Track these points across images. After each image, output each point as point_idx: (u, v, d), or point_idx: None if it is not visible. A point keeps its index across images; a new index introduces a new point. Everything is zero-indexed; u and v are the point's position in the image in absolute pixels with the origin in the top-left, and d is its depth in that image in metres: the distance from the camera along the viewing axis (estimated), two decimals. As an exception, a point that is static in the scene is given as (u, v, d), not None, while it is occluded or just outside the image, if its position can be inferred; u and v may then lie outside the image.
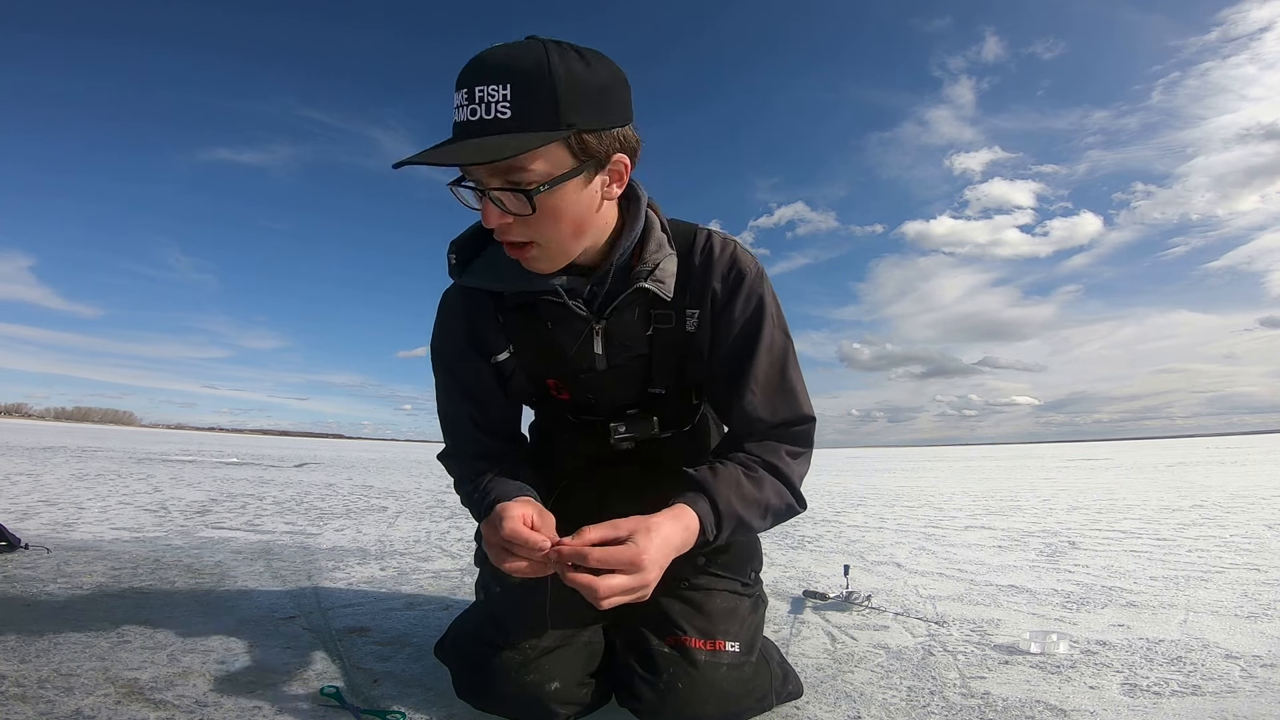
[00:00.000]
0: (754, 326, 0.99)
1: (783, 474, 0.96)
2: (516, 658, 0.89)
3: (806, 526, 3.39)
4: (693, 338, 1.00)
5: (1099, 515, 3.76)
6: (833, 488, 6.56)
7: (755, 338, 0.98)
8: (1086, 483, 6.72)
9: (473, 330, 1.03)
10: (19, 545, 2.05)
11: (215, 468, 7.57)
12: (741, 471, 0.93)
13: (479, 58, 0.75)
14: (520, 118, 0.73)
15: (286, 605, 1.58)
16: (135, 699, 0.97)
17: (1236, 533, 2.92)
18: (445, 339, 1.07)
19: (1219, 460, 11.02)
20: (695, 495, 0.88)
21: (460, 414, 1.07)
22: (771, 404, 0.98)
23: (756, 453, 0.96)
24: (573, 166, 0.78)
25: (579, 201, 0.82)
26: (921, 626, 1.48)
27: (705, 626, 0.92)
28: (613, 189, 0.85)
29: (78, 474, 5.52)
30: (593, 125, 0.77)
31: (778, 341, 1.00)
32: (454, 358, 1.06)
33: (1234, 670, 1.17)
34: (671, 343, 1.01)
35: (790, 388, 1.00)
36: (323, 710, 0.96)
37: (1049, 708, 1.00)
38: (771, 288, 1.02)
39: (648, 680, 0.88)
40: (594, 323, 0.98)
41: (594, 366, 1.02)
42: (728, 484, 0.90)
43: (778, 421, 0.98)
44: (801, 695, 1.04)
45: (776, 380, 0.99)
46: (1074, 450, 26.00)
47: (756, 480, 0.93)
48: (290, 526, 3.05)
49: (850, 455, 29.45)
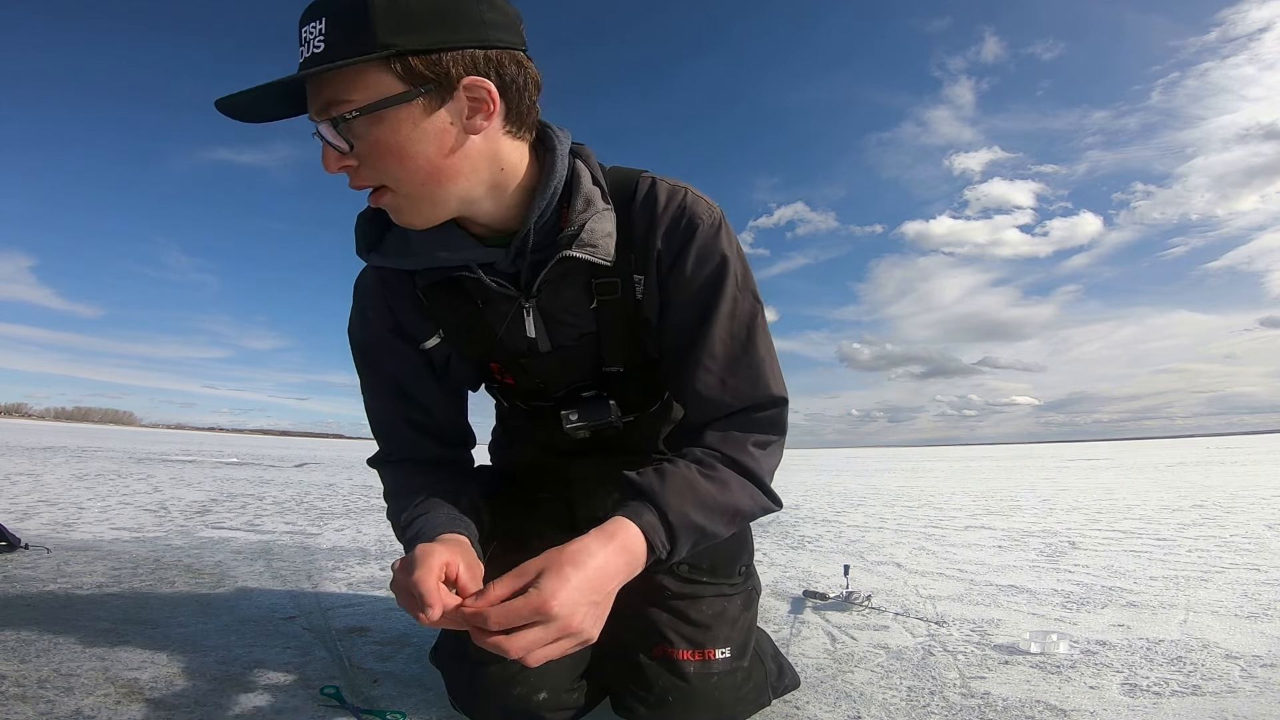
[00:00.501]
0: (711, 288, 0.83)
1: (751, 471, 0.82)
2: (500, 673, 0.85)
3: (806, 526, 3.40)
4: (640, 306, 0.86)
5: (1099, 515, 3.76)
6: (833, 488, 6.56)
7: (713, 302, 0.83)
8: (1086, 483, 6.72)
9: (395, 317, 0.92)
10: (19, 545, 2.05)
11: (215, 468, 7.58)
12: (698, 471, 0.78)
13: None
14: (332, 49, 0.66)
15: (286, 605, 1.58)
16: (135, 699, 0.97)
17: (1236, 533, 2.92)
18: (365, 330, 0.94)
19: (1219, 460, 11.02)
20: (639, 506, 0.74)
21: (391, 414, 0.95)
22: (733, 383, 0.83)
23: (716, 446, 0.82)
24: (399, 93, 0.68)
25: (425, 136, 0.70)
26: (921, 626, 1.48)
27: (693, 636, 0.88)
28: (477, 120, 0.72)
29: (78, 474, 5.52)
30: (420, 46, 0.67)
31: (742, 306, 0.85)
32: (378, 350, 0.94)
33: (1234, 670, 1.17)
34: (620, 315, 0.87)
35: (756, 363, 0.84)
36: (323, 710, 0.96)
37: (1049, 708, 1.00)
38: (736, 241, 0.86)
39: (638, 695, 0.87)
40: (523, 301, 0.85)
41: (535, 349, 0.90)
42: (679, 489, 0.75)
43: (741, 405, 0.83)
44: (799, 686, 1.04)
45: (739, 354, 0.84)
46: (1074, 450, 25.99)
47: (719, 481, 0.79)
48: (290, 526, 3.05)
49: (850, 455, 29.44)
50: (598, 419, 0.92)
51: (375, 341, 0.94)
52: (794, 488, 6.47)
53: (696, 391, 0.84)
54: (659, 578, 0.91)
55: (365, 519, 3.45)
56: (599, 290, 0.85)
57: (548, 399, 0.97)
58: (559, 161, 0.80)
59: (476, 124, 0.72)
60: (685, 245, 0.83)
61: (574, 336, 0.89)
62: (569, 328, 0.89)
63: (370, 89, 0.67)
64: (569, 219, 0.80)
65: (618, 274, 0.84)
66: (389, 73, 0.67)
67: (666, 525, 0.74)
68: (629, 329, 0.89)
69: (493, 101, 0.71)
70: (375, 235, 0.85)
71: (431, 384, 0.95)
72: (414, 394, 0.94)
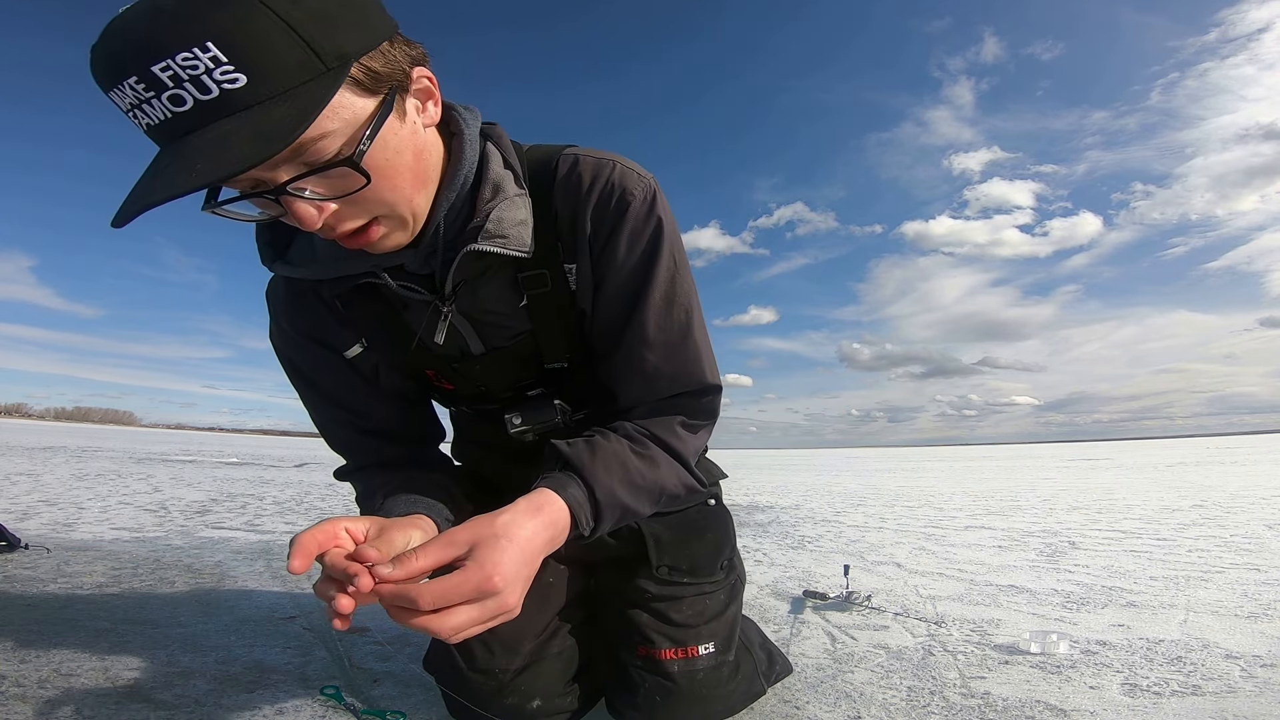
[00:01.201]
0: (644, 271, 0.78)
1: (676, 450, 0.78)
2: (490, 684, 0.84)
3: (806, 526, 3.40)
4: (578, 296, 0.80)
5: (1099, 515, 3.76)
6: (833, 488, 6.56)
7: (647, 286, 0.78)
8: (1086, 483, 6.71)
9: (311, 327, 0.85)
10: (19, 545, 2.04)
11: (215, 468, 7.57)
12: (629, 447, 0.75)
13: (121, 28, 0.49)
14: (261, 78, 0.49)
15: (286, 605, 1.58)
16: (135, 699, 0.97)
17: (1236, 533, 2.92)
18: (286, 342, 0.88)
19: (1219, 460, 11.02)
20: (565, 479, 0.69)
21: (337, 423, 0.91)
22: (669, 370, 0.79)
23: (644, 424, 0.79)
24: (377, 104, 0.57)
25: (405, 144, 0.62)
26: (921, 626, 1.47)
27: (675, 635, 0.88)
28: (430, 111, 0.65)
29: (78, 474, 5.52)
30: (368, 45, 0.56)
31: (680, 288, 0.80)
32: (305, 361, 0.88)
33: (1234, 670, 1.17)
34: (554, 309, 0.80)
35: (691, 348, 0.80)
36: (323, 710, 0.96)
37: (1049, 708, 1.00)
38: (670, 216, 0.79)
39: (626, 697, 0.88)
40: (440, 305, 0.76)
41: (468, 352, 0.83)
42: (610, 465, 0.72)
43: (674, 392, 0.80)
44: (791, 673, 1.04)
45: (676, 340, 0.80)
46: (1074, 450, 25.99)
47: (648, 459, 0.76)
48: (290, 526, 3.05)
49: (850, 455, 29.44)
50: (542, 420, 0.85)
51: (299, 353, 0.88)
52: (794, 488, 6.47)
53: (631, 378, 0.80)
54: (639, 581, 0.91)
55: (365, 519, 3.45)
56: (526, 284, 0.78)
57: (492, 402, 0.91)
58: (468, 146, 0.71)
59: (430, 116, 0.66)
60: (617, 225, 0.76)
61: (508, 336, 0.83)
62: (501, 329, 0.82)
63: (346, 113, 0.55)
64: (475, 208, 0.72)
65: (544, 265, 0.77)
66: (352, 87, 0.55)
67: (593, 502, 0.70)
68: (565, 323, 0.82)
69: (435, 88, 0.65)
70: (281, 243, 0.78)
71: (367, 390, 0.89)
72: (352, 403, 0.89)
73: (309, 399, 0.92)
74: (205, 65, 0.48)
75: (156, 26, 0.48)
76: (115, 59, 0.49)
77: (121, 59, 0.49)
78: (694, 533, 0.94)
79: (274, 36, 0.50)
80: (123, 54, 0.49)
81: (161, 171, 0.50)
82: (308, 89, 0.51)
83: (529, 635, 0.89)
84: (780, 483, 7.17)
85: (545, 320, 0.81)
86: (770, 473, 9.85)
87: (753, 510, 4.19)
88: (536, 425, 0.85)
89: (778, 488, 6.36)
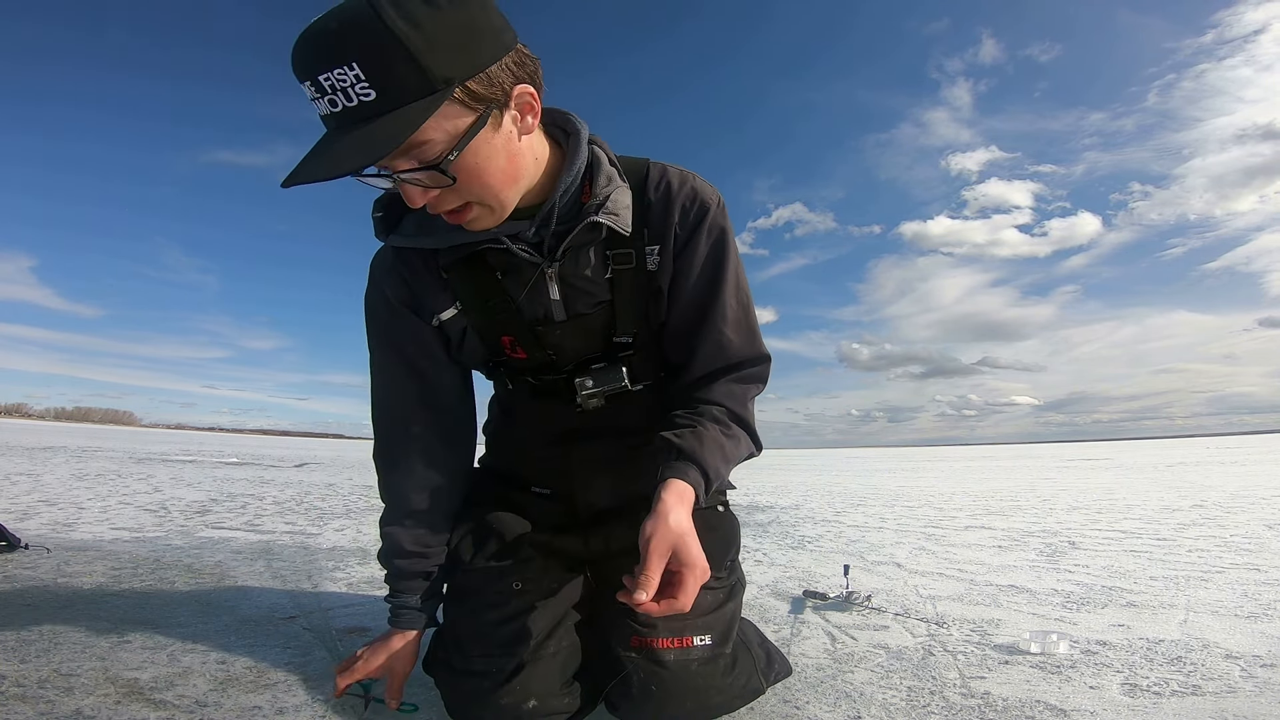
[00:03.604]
0: (719, 262, 0.96)
1: (747, 424, 0.96)
2: (485, 683, 0.87)
3: (806, 526, 3.40)
4: (654, 276, 0.95)
5: (1099, 515, 3.76)
6: (833, 488, 6.56)
7: (721, 274, 0.96)
8: (1086, 483, 6.72)
9: (411, 292, 0.96)
10: (19, 545, 2.05)
11: (215, 468, 7.57)
12: (720, 431, 0.91)
13: (305, 39, 0.66)
14: (386, 95, 0.65)
15: (286, 605, 1.58)
16: (135, 699, 0.97)
17: (1236, 533, 2.92)
18: (381, 305, 0.98)
19: (1219, 460, 11.02)
20: (685, 466, 0.86)
21: (398, 388, 1.00)
22: (739, 341, 0.97)
23: (723, 401, 0.94)
24: (473, 121, 0.71)
25: (497, 150, 0.76)
26: (921, 626, 1.48)
27: (672, 624, 0.90)
28: (528, 121, 0.78)
29: (78, 474, 5.52)
30: (471, 70, 0.69)
31: (742, 278, 0.99)
32: (392, 324, 0.98)
33: (1234, 670, 1.17)
34: (634, 284, 0.95)
35: (753, 326, 0.99)
36: (323, 710, 0.96)
37: (1049, 708, 1.00)
38: (731, 223, 0.98)
39: (621, 689, 0.88)
40: (545, 267, 0.91)
41: (551, 316, 0.95)
42: (714, 449, 0.88)
43: (741, 359, 0.97)
44: (790, 674, 1.04)
45: (743, 317, 0.98)
46: (1074, 450, 26.00)
47: (734, 438, 0.93)
48: (290, 526, 3.05)
49: (850, 455, 29.45)
50: (611, 383, 0.97)
51: (389, 316, 0.98)
52: (794, 488, 6.47)
53: (709, 348, 0.96)
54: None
55: (365, 519, 3.45)
56: (615, 260, 0.93)
57: (559, 373, 1.00)
58: (583, 144, 0.88)
59: (528, 124, 0.78)
60: (699, 224, 0.94)
61: (590, 304, 0.95)
62: (586, 295, 0.94)
63: (448, 125, 0.70)
64: (591, 193, 0.88)
65: (632, 245, 0.93)
66: (457, 104, 0.69)
67: (705, 479, 0.87)
68: (640, 296, 0.96)
69: (536, 103, 0.78)
70: (393, 219, 0.91)
71: (441, 358, 1.00)
72: (424, 366, 0.99)
73: (382, 363, 1.01)
74: (350, 80, 0.64)
75: (322, 46, 0.65)
76: (297, 60, 0.66)
77: (301, 62, 0.66)
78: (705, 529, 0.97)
79: (398, 62, 0.65)
80: (301, 62, 0.66)
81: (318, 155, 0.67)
82: (418, 106, 0.66)
83: (528, 636, 0.90)
84: (780, 483, 7.17)
85: (624, 292, 0.95)
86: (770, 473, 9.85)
87: (753, 510, 4.19)
88: (606, 388, 0.97)
89: (778, 488, 6.36)
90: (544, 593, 0.96)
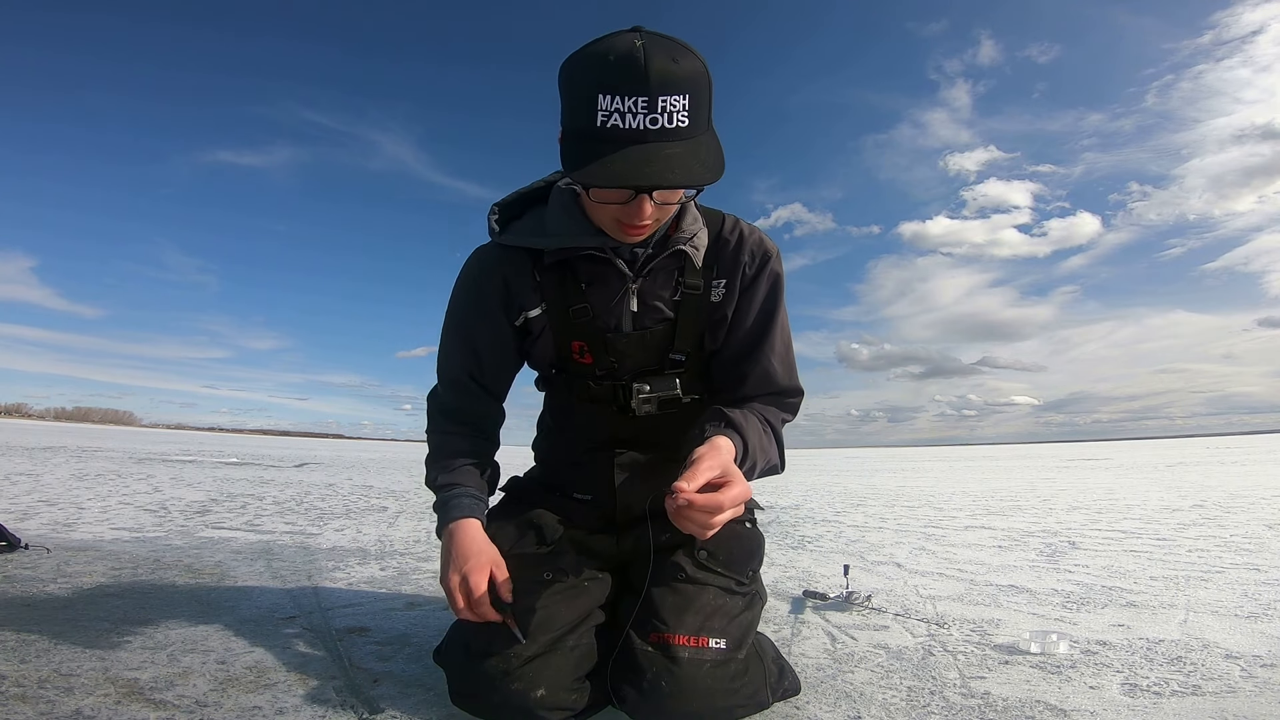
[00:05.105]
0: (773, 302, 1.11)
1: (778, 436, 1.08)
2: (500, 666, 0.88)
3: (806, 526, 3.40)
4: (717, 306, 1.10)
5: (1099, 515, 3.76)
6: (833, 488, 6.56)
7: (774, 313, 1.11)
8: (1086, 483, 6.72)
9: (506, 287, 1.08)
10: (19, 545, 2.05)
11: (215, 468, 7.58)
12: (761, 425, 1.02)
13: (652, 65, 0.79)
14: (694, 125, 0.82)
15: (286, 605, 1.58)
16: (135, 699, 0.97)
17: (1236, 533, 2.92)
18: (474, 292, 1.10)
19: (1219, 460, 11.03)
20: (731, 432, 0.94)
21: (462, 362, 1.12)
22: (783, 371, 1.11)
23: (763, 413, 1.06)
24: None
25: None
26: (921, 626, 1.48)
27: (690, 622, 0.92)
28: None
29: (78, 474, 5.52)
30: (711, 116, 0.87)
31: (787, 318, 1.14)
32: (477, 311, 1.10)
33: (1234, 670, 1.17)
34: (696, 308, 1.08)
35: (793, 362, 1.13)
36: (323, 710, 0.96)
37: (1049, 708, 1.00)
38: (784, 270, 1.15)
39: (631, 680, 0.89)
40: (630, 282, 1.05)
41: (620, 327, 1.07)
42: (755, 432, 0.98)
43: (782, 388, 1.11)
44: (799, 692, 1.04)
45: (785, 351, 1.12)
46: (1074, 450, 26.00)
47: (770, 436, 1.04)
48: (290, 526, 3.05)
49: (850, 455, 29.45)
50: (665, 390, 1.08)
51: (479, 304, 1.10)
52: (794, 488, 6.48)
53: (759, 375, 1.10)
54: (676, 558, 1.01)
55: (365, 519, 3.45)
56: (686, 286, 1.07)
57: (617, 379, 1.11)
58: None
59: None
60: (762, 268, 1.10)
61: (656, 320, 1.08)
62: (655, 311, 1.08)
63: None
64: (679, 227, 1.05)
65: (701, 276, 1.08)
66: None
67: (745, 452, 0.94)
68: (699, 320, 1.10)
69: None
70: (505, 221, 1.08)
71: (508, 354, 1.13)
72: (488, 354, 1.12)
73: (456, 340, 1.12)
74: (680, 106, 0.81)
75: (672, 75, 0.80)
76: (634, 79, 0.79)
77: (641, 82, 0.79)
78: (734, 536, 1.08)
79: (704, 100, 0.84)
80: (642, 78, 0.79)
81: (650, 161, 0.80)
82: (705, 137, 0.85)
83: (552, 627, 0.92)
84: (780, 483, 7.17)
85: (687, 314, 1.09)
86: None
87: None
88: (660, 394, 1.08)
89: (778, 488, 6.35)
90: (572, 587, 0.99)
